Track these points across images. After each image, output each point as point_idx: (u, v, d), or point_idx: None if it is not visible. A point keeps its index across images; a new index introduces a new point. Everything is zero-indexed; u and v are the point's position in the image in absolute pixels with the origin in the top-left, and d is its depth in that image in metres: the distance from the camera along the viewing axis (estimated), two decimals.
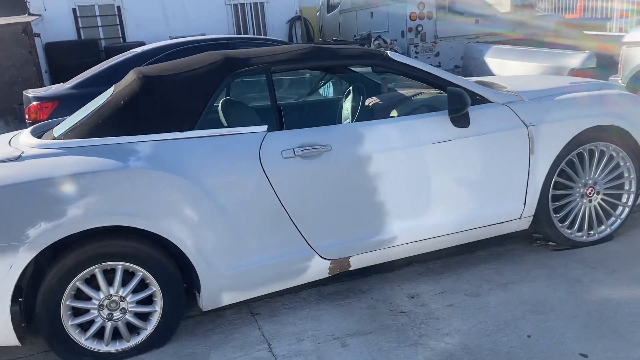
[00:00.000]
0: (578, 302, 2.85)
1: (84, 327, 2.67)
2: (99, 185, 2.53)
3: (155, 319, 2.76)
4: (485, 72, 7.43)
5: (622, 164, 3.45)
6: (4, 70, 7.72)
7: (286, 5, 11.15)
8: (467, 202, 3.18)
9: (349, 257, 3.02)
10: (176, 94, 2.86)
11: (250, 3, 11.07)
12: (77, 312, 2.65)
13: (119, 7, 10.13)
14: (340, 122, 3.81)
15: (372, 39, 9.00)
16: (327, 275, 3.03)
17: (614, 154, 3.42)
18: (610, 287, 2.96)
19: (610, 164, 3.44)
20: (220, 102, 3.30)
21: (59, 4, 9.47)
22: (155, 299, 2.74)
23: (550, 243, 3.52)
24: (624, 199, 3.53)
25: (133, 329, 2.76)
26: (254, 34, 11.27)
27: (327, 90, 4.45)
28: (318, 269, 2.98)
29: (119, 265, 2.64)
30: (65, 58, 8.86)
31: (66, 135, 2.78)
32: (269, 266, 2.86)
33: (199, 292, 2.79)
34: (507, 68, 6.94)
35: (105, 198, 2.53)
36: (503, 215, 3.27)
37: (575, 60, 5.95)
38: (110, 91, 3.12)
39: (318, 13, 13.72)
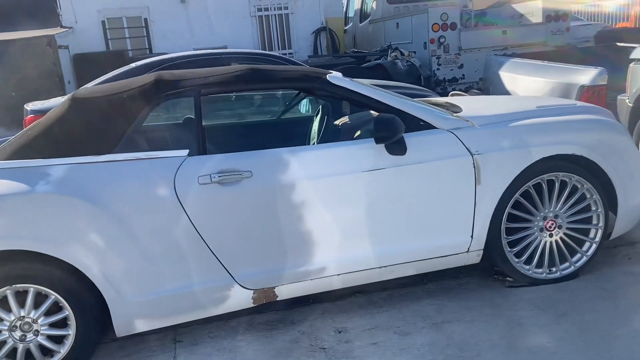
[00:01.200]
0: (508, 349, 2.62)
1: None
2: (5, 208, 2.55)
3: (69, 342, 2.74)
4: (499, 87, 7.10)
5: (588, 196, 3.17)
6: (30, 81, 8.08)
7: (311, 16, 11.12)
8: (404, 234, 3.00)
9: (273, 287, 2.91)
10: (100, 117, 2.85)
11: (275, 15, 11.11)
12: None
13: (146, 20, 10.43)
14: (308, 142, 3.71)
15: (389, 51, 8.82)
16: (253, 305, 2.94)
17: (579, 185, 3.15)
18: (551, 333, 2.71)
19: (574, 196, 3.17)
20: (182, 121, 3.29)
21: (90, 17, 9.84)
22: (69, 322, 2.72)
23: (508, 278, 3.28)
24: (591, 234, 3.24)
25: (47, 352, 2.76)
26: (278, 46, 11.31)
27: (306, 108, 4.36)
28: (240, 298, 2.88)
29: (31, 288, 2.65)
30: (92, 68, 9.15)
31: None
32: (186, 294, 2.80)
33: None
34: (518, 83, 6.60)
35: (10, 222, 2.55)
36: (447, 249, 3.07)
37: (585, 76, 5.56)
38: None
39: (351, 24, 13.62)
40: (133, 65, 5.74)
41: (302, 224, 2.86)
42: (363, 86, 3.09)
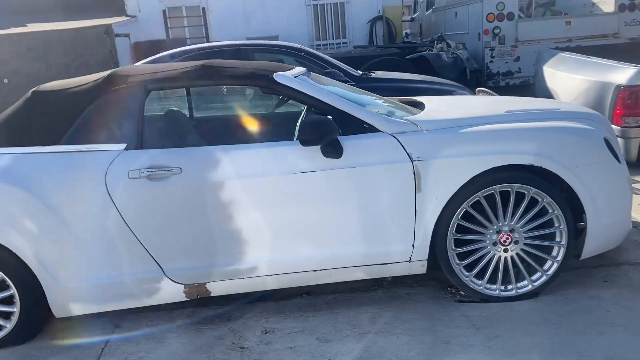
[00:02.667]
0: None
1: None
2: None
3: (14, 319, 2.95)
4: (541, 83, 6.64)
5: (550, 210, 2.91)
6: (89, 68, 8.62)
7: (368, 4, 10.91)
8: (341, 239, 2.92)
9: (205, 284, 2.96)
10: (51, 110, 3.01)
11: (330, 3, 11.02)
12: None
13: (204, 9, 10.76)
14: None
15: (436, 42, 8.49)
16: (186, 299, 3.00)
17: (539, 199, 2.90)
18: (472, 355, 2.54)
19: (533, 210, 2.92)
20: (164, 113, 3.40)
21: (152, 6, 10.32)
22: (14, 300, 2.93)
23: (461, 292, 3.10)
24: (553, 252, 2.98)
25: None
26: (333, 35, 11.23)
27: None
28: (171, 291, 2.95)
29: None
30: (150, 56, 9.61)
31: None
32: (119, 283, 2.91)
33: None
34: (557, 80, 6.13)
35: None
36: (387, 256, 2.95)
37: (621, 75, 5.07)
38: None
39: (417, 13, 13.24)
40: (159, 55, 5.96)
41: (232, 223, 2.87)
42: (309, 86, 3.02)
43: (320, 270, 2.96)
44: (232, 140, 2.95)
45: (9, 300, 2.95)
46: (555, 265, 2.97)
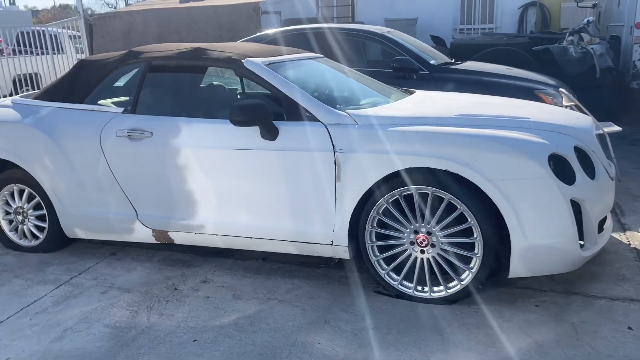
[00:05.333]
0: (285, 336, 2.74)
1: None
2: (1, 130, 3.75)
3: (45, 232, 3.88)
4: None
5: (469, 219, 2.85)
6: (238, 40, 9.72)
7: None
8: (273, 213, 3.23)
9: (167, 232, 3.53)
10: (84, 75, 3.81)
11: None
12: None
13: None
14: None
15: (567, 34, 7.71)
16: (155, 242, 3.61)
17: (458, 206, 2.85)
18: (334, 337, 2.70)
19: (450, 216, 2.88)
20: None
21: None
22: (46, 218, 3.86)
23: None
24: (471, 263, 2.91)
25: (34, 236, 3.95)
26: (479, 20, 10.68)
27: None
28: (142, 233, 3.59)
29: (14, 187, 3.85)
30: None
31: (33, 96, 4.07)
32: (107, 218, 3.64)
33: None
34: None
35: (3, 139, 3.75)
36: (312, 236, 3.18)
37: None
38: None
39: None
40: (261, 33, 6.62)
41: (186, 184, 3.38)
42: (271, 74, 3.32)
43: (257, 238, 3.32)
44: (198, 114, 3.43)
45: (42, 218, 3.89)
46: (470, 276, 2.91)
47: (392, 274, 3.09)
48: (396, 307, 2.98)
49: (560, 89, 5.33)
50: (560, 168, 2.88)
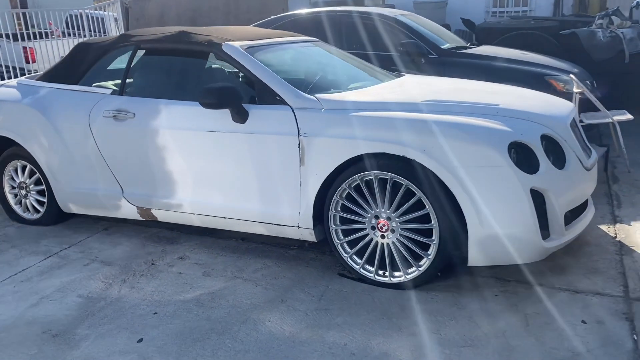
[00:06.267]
0: (236, 315, 2.84)
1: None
2: (2, 108, 3.98)
3: (45, 206, 4.11)
4: None
5: (426, 206, 2.84)
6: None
7: None
8: (243, 194, 3.32)
9: (150, 209, 3.68)
10: (80, 57, 3.98)
11: None
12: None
13: None
14: None
15: (597, 17, 7.35)
16: (141, 219, 3.77)
17: (416, 192, 2.85)
18: (284, 317, 2.77)
19: (408, 202, 2.88)
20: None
21: None
22: (45, 193, 4.08)
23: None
24: (429, 250, 2.90)
25: (35, 210, 4.19)
26: (513, 3, 10.28)
27: None
28: (128, 210, 3.75)
29: (18, 163, 4.09)
30: None
31: (37, 77, 4.28)
32: (96, 195, 3.82)
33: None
34: None
35: (3, 117, 3.97)
36: (279, 218, 3.25)
37: None
38: None
39: None
40: (269, 19, 6.67)
41: (165, 164, 3.50)
42: (246, 57, 3.38)
43: (230, 218, 3.42)
44: (177, 96, 3.52)
45: (43, 193, 4.12)
46: (428, 262, 2.91)
47: (355, 257, 3.12)
48: (354, 291, 3.02)
49: (570, 75, 5.15)
50: (525, 156, 2.82)
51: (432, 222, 2.84)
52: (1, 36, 9.40)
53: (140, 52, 3.80)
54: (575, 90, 5.05)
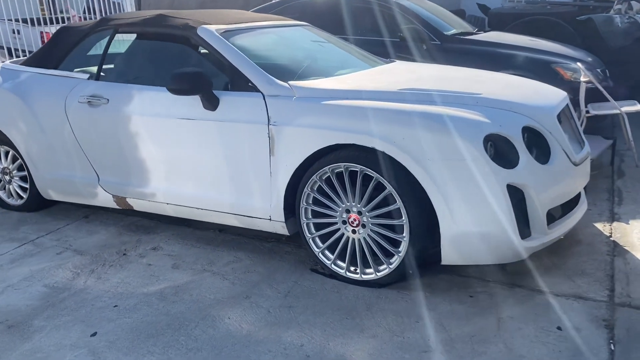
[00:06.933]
0: (197, 309, 2.74)
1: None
2: None
3: (28, 193, 4.07)
4: None
5: (396, 200, 2.69)
6: None
7: None
8: (215, 185, 3.20)
9: (126, 198, 3.59)
10: (60, 42, 3.89)
11: None
12: None
13: None
14: None
15: (615, 3, 6.99)
16: (117, 207, 3.69)
17: (386, 186, 2.69)
18: (246, 313, 2.66)
19: (378, 196, 2.73)
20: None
21: None
22: (28, 179, 4.04)
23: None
24: (400, 247, 2.75)
25: (18, 196, 4.15)
26: None
27: None
28: (104, 198, 3.68)
29: (1, 149, 4.04)
30: None
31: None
32: (73, 182, 3.75)
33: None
34: None
35: None
36: (251, 210, 3.13)
37: None
38: None
39: None
40: (270, 3, 6.50)
41: (138, 152, 3.40)
42: (220, 42, 3.24)
43: (202, 209, 3.31)
44: (151, 81, 3.40)
45: (26, 179, 4.07)
46: (398, 260, 2.75)
47: (327, 252, 2.99)
48: (323, 287, 2.89)
49: (577, 63, 4.88)
50: (504, 150, 2.64)
51: (403, 218, 2.68)
52: (22, 21, 9.48)
53: (119, 36, 3.70)
54: (582, 79, 4.79)
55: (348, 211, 2.85)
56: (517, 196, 2.63)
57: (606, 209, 3.73)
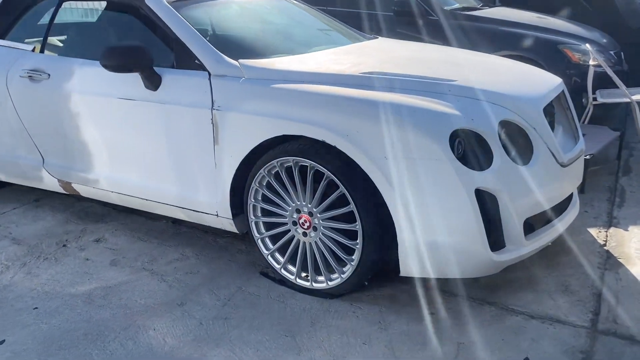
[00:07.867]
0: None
1: None
2: None
3: None
4: None
5: (350, 202, 2.33)
6: None
7: None
8: (158, 174, 2.87)
9: (71, 183, 3.28)
10: (7, 9, 3.54)
11: None
12: None
13: None
14: None
15: None
16: (64, 192, 3.39)
17: (339, 185, 2.33)
18: (172, 322, 2.35)
19: (329, 197, 2.38)
20: None
21: None
22: None
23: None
24: (354, 254, 2.40)
25: None
26: None
27: None
28: (50, 182, 3.37)
29: None
30: None
31: None
32: (18, 164, 3.45)
33: None
34: None
35: None
36: (198, 205, 2.80)
37: None
38: None
39: None
40: None
41: (79, 133, 3.08)
42: (169, 13, 2.85)
43: (148, 200, 2.99)
44: (90, 55, 3.04)
45: None
46: (351, 269, 2.41)
47: (277, 255, 2.66)
48: (269, 295, 2.57)
49: (587, 45, 4.42)
50: (476, 148, 2.26)
51: (356, 223, 2.33)
52: None
53: (67, 5, 3.34)
54: (591, 62, 4.34)
55: (299, 211, 2.50)
56: (489, 202, 2.25)
57: (604, 212, 3.33)
